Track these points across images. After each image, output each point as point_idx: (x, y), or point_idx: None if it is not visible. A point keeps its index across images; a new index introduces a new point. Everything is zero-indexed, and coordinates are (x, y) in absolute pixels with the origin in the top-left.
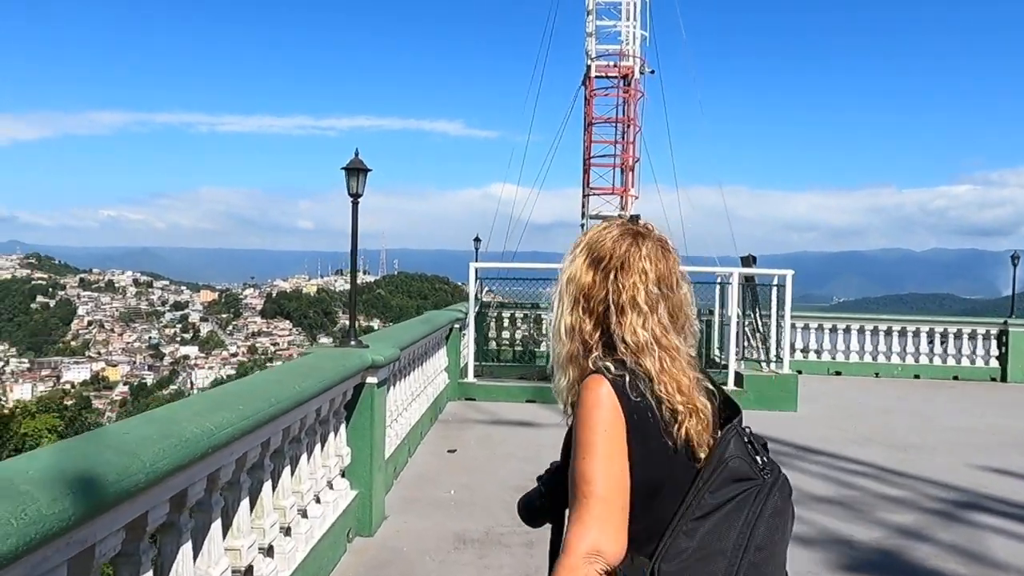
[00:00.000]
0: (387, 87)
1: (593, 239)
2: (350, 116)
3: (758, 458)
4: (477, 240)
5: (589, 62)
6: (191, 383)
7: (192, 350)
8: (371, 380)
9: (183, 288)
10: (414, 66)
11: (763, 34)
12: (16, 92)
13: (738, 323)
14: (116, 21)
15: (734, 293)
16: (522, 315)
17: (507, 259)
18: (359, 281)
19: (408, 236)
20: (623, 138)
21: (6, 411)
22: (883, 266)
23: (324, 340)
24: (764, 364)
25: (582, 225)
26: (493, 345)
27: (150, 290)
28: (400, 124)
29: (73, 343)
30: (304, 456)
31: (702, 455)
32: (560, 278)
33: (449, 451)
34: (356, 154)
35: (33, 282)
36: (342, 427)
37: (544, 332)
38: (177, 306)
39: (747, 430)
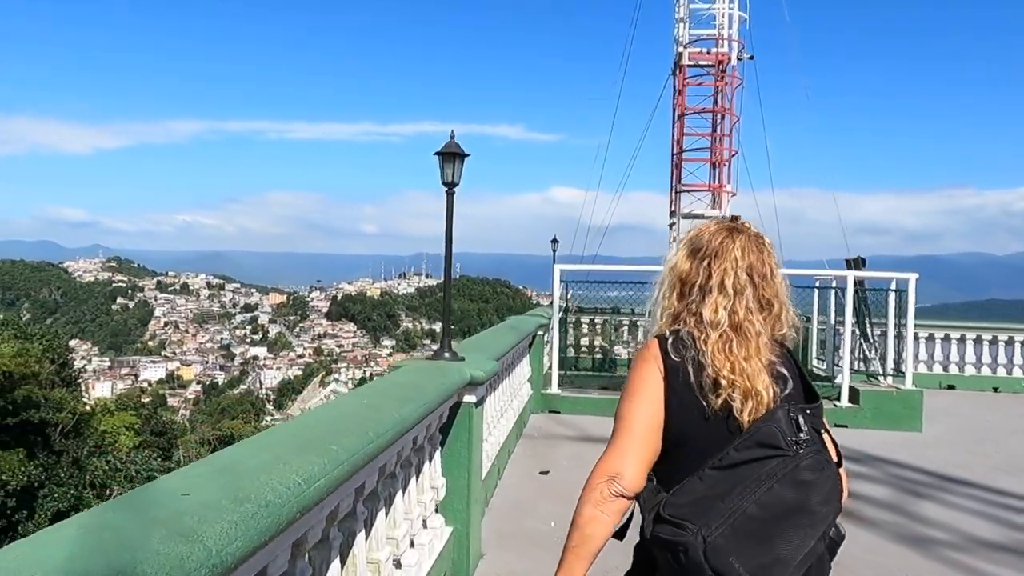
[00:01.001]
0: (450, 92)
1: (694, 234)
2: (414, 122)
3: (799, 436)
4: (555, 242)
5: (680, 49)
6: (260, 383)
7: (261, 351)
8: (469, 399)
9: (253, 291)
10: (477, 70)
11: (843, 32)
12: (97, 103)
13: (851, 333)
14: (190, 32)
15: (848, 299)
16: (602, 320)
17: (575, 262)
18: (421, 285)
19: (469, 240)
20: (717, 130)
21: (87, 408)
22: (962, 270)
23: (387, 341)
24: (882, 378)
25: (671, 225)
26: (571, 352)
27: (222, 292)
28: (463, 129)
29: (150, 343)
30: (399, 493)
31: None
32: (664, 267)
33: (541, 473)
34: (451, 137)
35: (114, 284)
36: (437, 453)
37: (616, 333)
38: (247, 308)
39: (807, 412)
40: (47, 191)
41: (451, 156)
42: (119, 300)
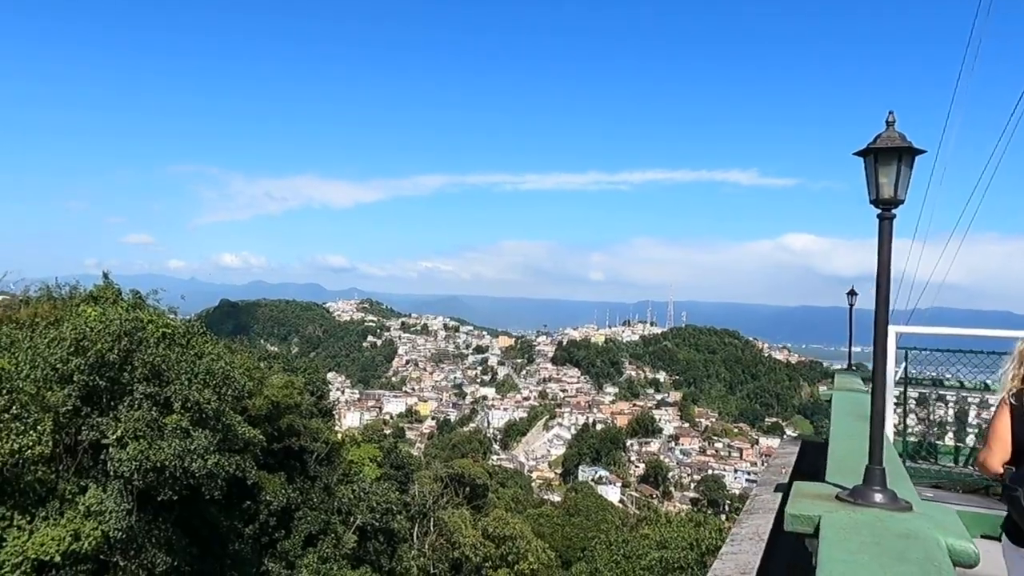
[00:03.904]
0: (680, 139)
1: None
2: (643, 170)
3: None
4: (853, 294)
5: None
6: (488, 422)
7: (490, 391)
8: None
9: (484, 333)
10: (708, 115)
11: None
12: (362, 164)
13: None
14: (443, 97)
15: None
16: (916, 394)
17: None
18: (645, 333)
19: (696, 288)
20: None
21: (338, 438)
22: None
23: (610, 388)
24: None
25: None
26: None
27: (457, 334)
28: (691, 176)
29: (393, 379)
30: None
31: None
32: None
33: None
34: (888, 123)
35: (365, 324)
36: None
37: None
38: (479, 350)
39: None
40: (316, 240)
41: (890, 154)
42: (369, 338)
